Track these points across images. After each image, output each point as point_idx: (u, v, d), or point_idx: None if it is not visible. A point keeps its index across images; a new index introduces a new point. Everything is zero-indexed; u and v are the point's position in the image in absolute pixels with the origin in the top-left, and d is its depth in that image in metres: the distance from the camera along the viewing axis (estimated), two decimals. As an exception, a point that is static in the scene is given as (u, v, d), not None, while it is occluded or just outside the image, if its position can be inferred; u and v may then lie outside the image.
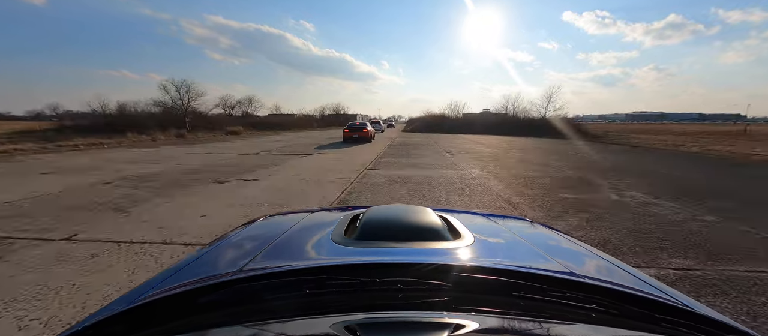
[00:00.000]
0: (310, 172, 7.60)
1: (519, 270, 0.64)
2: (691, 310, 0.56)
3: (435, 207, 1.05)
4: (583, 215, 4.25)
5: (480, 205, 4.73)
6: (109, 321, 0.53)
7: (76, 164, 8.50)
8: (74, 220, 3.82)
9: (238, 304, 0.58)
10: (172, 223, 3.75)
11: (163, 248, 3.02)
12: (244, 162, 9.29)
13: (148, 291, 0.62)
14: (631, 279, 0.72)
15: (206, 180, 6.42)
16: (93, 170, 7.51)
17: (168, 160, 9.69)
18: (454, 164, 8.98)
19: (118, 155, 10.71)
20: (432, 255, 0.71)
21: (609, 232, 3.59)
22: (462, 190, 5.69)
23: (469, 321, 0.49)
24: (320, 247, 0.82)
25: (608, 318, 0.55)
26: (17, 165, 8.37)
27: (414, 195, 5.27)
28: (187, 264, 0.78)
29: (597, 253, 0.89)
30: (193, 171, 7.56)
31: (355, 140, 17.13)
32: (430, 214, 0.92)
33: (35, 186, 5.69)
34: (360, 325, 0.48)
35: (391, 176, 7.01)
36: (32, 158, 9.71)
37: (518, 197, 5.24)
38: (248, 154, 11.50)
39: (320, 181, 6.41)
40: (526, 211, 4.41)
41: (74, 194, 5.13)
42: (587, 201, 5.00)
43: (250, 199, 4.91)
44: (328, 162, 9.40)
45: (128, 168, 7.88)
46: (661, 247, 3.17)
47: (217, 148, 14.08)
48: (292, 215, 1.15)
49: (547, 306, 0.56)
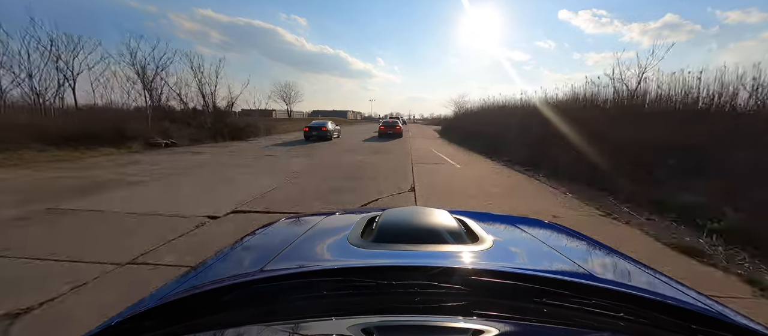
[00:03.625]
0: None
1: (541, 275, 0.62)
2: (730, 321, 0.53)
3: (451, 209, 1.04)
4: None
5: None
6: (140, 317, 0.55)
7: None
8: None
9: (257, 304, 0.59)
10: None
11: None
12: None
13: (174, 290, 0.64)
14: (662, 285, 0.68)
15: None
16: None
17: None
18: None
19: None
20: (449, 258, 0.70)
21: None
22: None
23: (488, 327, 0.48)
24: (337, 249, 0.83)
25: (638, 327, 0.52)
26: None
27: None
28: (210, 264, 0.81)
29: (624, 257, 0.85)
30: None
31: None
32: (447, 216, 0.91)
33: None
34: (377, 327, 0.48)
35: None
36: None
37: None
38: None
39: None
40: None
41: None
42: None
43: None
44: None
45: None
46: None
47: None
48: (310, 218, 1.17)
49: (572, 313, 0.54)
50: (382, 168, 7.78)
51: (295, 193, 5.15)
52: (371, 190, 5.46)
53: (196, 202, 4.43)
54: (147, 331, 0.53)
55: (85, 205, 4.23)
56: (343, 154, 10.83)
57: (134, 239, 3.10)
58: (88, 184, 5.50)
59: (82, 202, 4.37)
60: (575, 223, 3.78)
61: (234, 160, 8.89)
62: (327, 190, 5.44)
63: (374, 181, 6.25)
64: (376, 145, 14.35)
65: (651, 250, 3.18)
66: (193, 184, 5.81)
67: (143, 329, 0.54)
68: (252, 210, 4.20)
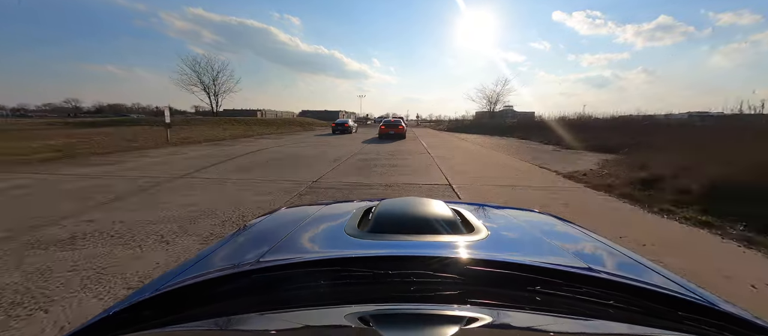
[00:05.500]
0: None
1: (534, 264, 0.63)
2: (716, 308, 0.54)
3: (448, 200, 1.04)
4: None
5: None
6: (138, 306, 0.56)
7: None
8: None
9: (255, 294, 0.60)
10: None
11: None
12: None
13: (172, 279, 0.64)
14: (652, 275, 0.69)
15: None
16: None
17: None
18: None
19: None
20: (445, 248, 0.71)
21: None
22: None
23: (482, 315, 0.49)
24: (334, 239, 0.83)
25: (627, 314, 0.53)
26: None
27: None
28: (208, 254, 0.81)
29: (616, 248, 0.86)
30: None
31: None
32: (443, 206, 0.92)
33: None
34: (374, 316, 0.49)
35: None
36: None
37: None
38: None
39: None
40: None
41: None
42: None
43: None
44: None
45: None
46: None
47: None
48: (307, 208, 1.17)
49: (564, 301, 0.55)
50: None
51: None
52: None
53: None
54: (145, 320, 0.54)
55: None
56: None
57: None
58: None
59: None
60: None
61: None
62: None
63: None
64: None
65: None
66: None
67: (141, 318, 0.54)
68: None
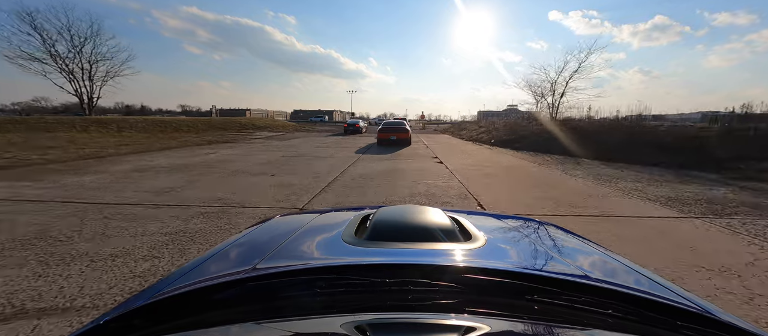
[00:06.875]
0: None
1: (532, 273, 0.62)
2: (714, 318, 0.54)
3: (446, 208, 1.04)
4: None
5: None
6: (129, 315, 0.55)
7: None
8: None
9: (250, 302, 0.59)
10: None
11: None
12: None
13: (164, 287, 0.63)
14: (650, 284, 0.69)
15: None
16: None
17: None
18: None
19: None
20: (443, 256, 0.70)
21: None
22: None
23: (480, 324, 0.48)
24: (331, 246, 0.82)
25: (626, 324, 0.53)
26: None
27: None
28: (201, 262, 0.80)
29: (614, 257, 0.86)
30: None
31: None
32: (440, 214, 0.91)
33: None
34: (370, 325, 0.48)
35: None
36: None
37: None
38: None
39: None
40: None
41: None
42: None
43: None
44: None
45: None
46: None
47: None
48: (304, 215, 1.16)
49: (561, 310, 0.55)
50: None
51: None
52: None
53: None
54: (136, 330, 0.53)
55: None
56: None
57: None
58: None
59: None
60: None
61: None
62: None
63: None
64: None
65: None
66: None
67: (133, 328, 0.53)
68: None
